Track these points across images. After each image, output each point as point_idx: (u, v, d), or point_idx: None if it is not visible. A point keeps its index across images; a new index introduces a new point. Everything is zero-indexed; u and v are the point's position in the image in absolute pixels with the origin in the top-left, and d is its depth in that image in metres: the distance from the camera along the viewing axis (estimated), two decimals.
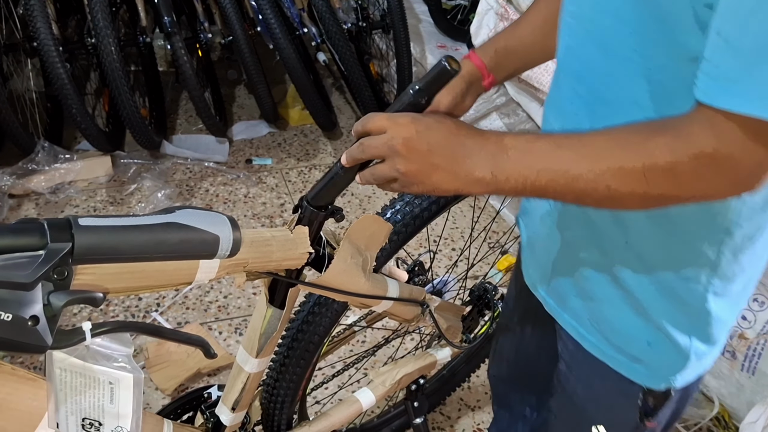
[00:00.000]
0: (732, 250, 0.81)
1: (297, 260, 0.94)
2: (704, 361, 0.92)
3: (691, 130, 0.65)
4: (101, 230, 0.60)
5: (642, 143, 0.68)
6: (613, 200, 0.71)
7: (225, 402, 1.13)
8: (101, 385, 0.62)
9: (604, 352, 0.95)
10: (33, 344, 0.57)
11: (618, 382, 0.95)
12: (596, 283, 0.91)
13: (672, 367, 0.91)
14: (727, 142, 0.63)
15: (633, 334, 0.90)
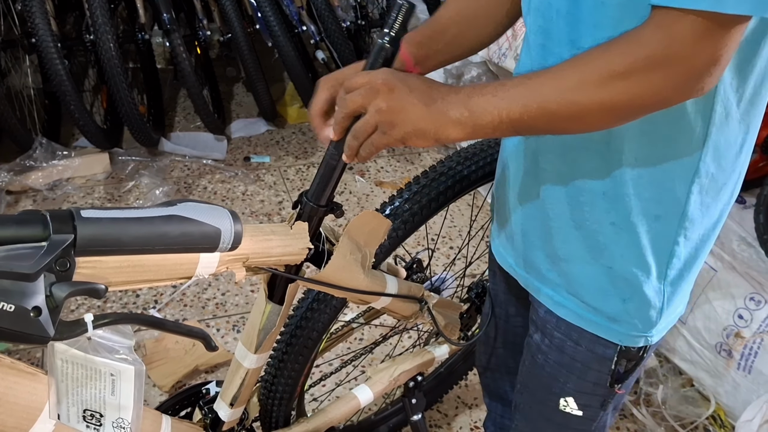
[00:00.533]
0: (700, 192, 0.84)
1: (296, 256, 0.94)
2: (675, 311, 0.96)
3: (643, 33, 0.69)
4: (103, 222, 0.60)
5: (599, 54, 0.72)
6: (582, 118, 0.74)
7: (223, 398, 1.13)
8: (103, 376, 0.63)
9: (580, 316, 0.96)
10: (35, 335, 0.57)
11: (592, 344, 0.97)
12: (567, 243, 0.93)
13: (648, 321, 0.93)
14: (678, 41, 0.67)
15: (607, 293, 0.92)
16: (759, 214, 1.86)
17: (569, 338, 0.99)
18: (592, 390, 1.01)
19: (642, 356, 0.97)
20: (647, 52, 0.69)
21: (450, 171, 1.24)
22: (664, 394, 1.92)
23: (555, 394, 1.04)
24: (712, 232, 0.92)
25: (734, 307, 1.80)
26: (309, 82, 2.76)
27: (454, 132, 0.77)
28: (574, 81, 0.72)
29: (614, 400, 1.03)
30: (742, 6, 0.65)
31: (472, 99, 0.76)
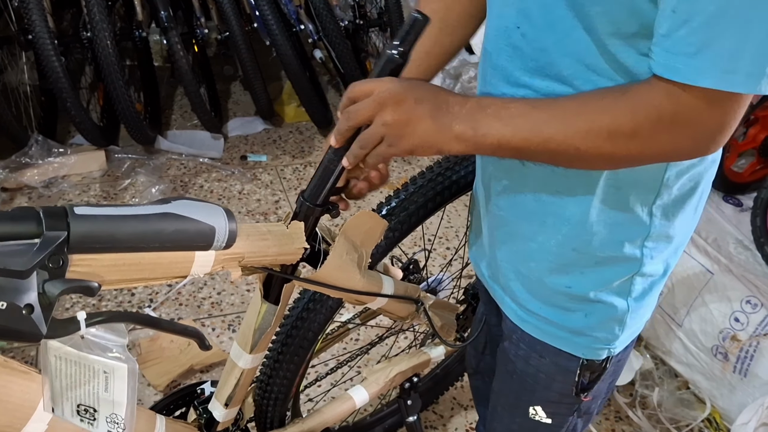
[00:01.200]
0: (663, 211, 0.85)
1: (292, 255, 0.94)
2: (639, 323, 0.97)
3: (652, 96, 0.70)
4: (97, 219, 0.60)
5: (607, 108, 0.72)
6: (582, 160, 0.75)
7: (218, 398, 1.13)
8: (96, 374, 0.62)
9: (543, 331, 0.97)
10: (27, 332, 0.57)
11: (556, 357, 0.97)
12: (530, 260, 0.93)
13: (611, 333, 0.94)
14: (686, 109, 0.68)
15: (570, 308, 0.93)
16: (756, 217, 1.86)
17: (533, 350, 1.00)
18: (559, 399, 1.01)
19: (605, 367, 0.98)
20: (656, 116, 0.69)
21: (447, 172, 1.24)
22: (659, 397, 1.91)
23: (524, 402, 1.05)
24: (681, 245, 0.93)
25: (730, 310, 1.80)
26: (306, 81, 2.76)
27: (457, 146, 0.78)
28: (580, 129, 0.73)
29: (582, 406, 1.03)
30: (749, 85, 0.65)
31: (477, 117, 0.76)
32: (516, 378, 1.05)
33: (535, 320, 0.97)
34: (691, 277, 1.87)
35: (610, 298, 0.91)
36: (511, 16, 0.80)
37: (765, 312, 1.74)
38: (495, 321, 1.24)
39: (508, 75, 0.83)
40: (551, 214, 0.88)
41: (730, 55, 0.64)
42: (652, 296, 0.95)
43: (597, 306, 0.92)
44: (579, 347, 0.96)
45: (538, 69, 0.79)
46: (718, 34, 0.63)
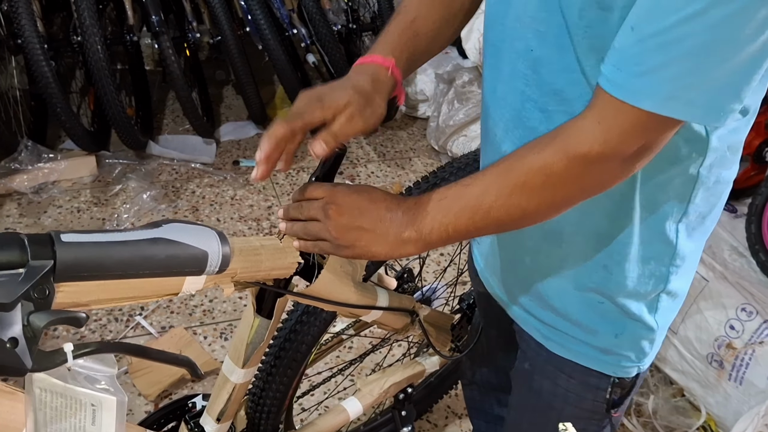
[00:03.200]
0: (686, 228, 0.85)
1: (286, 270, 0.92)
2: (662, 338, 0.97)
3: (580, 128, 0.70)
4: (85, 246, 0.58)
5: (537, 154, 0.72)
6: (530, 216, 0.75)
7: (210, 412, 1.11)
8: (83, 406, 0.60)
9: (569, 350, 0.96)
10: (12, 367, 0.55)
11: (585, 376, 0.96)
12: (555, 281, 0.92)
13: (641, 352, 0.93)
14: (616, 135, 0.68)
15: (599, 327, 0.92)
16: (750, 224, 1.85)
17: (561, 371, 0.98)
18: (589, 416, 1.00)
19: (635, 382, 0.97)
20: (585, 150, 0.69)
21: (442, 182, 1.22)
22: (654, 404, 1.91)
23: (553, 420, 1.02)
24: (697, 261, 0.93)
25: (726, 318, 1.80)
26: (299, 86, 2.74)
27: (407, 250, 0.79)
28: (516, 184, 0.73)
29: (612, 421, 1.02)
30: (690, 113, 0.65)
31: (418, 218, 0.77)
32: (544, 397, 1.03)
33: (562, 339, 0.96)
34: None
35: (640, 316, 0.90)
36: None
37: (760, 320, 1.74)
38: (495, 333, 1.23)
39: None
40: (579, 234, 0.86)
41: (675, 82, 0.63)
42: (674, 312, 0.95)
43: (627, 324, 0.91)
44: (609, 366, 0.95)
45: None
46: (669, 61, 0.63)
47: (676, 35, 0.61)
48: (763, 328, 1.73)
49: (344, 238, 0.79)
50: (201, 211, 2.54)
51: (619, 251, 0.86)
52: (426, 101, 3.14)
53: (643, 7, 0.63)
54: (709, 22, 0.60)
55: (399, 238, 0.78)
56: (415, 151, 3.00)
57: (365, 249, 0.80)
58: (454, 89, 2.82)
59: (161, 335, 2.02)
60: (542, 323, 0.97)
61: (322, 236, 0.81)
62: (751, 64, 0.63)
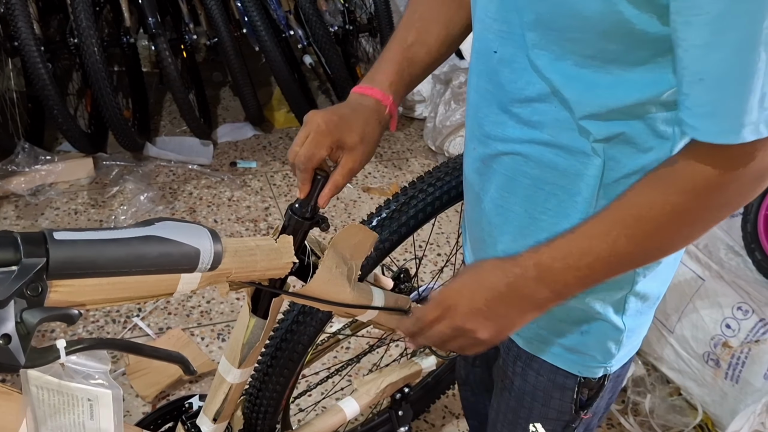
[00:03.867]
0: None
1: (281, 270, 0.92)
2: (635, 342, 0.96)
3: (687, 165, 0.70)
4: (77, 244, 0.58)
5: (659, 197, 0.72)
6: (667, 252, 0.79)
7: (206, 413, 1.11)
8: (80, 402, 0.60)
9: (537, 347, 0.97)
10: (5, 364, 0.55)
11: (553, 374, 0.97)
12: None
13: (607, 353, 0.93)
14: (726, 167, 0.68)
15: (566, 326, 0.92)
16: (746, 223, 1.86)
17: (530, 368, 0.99)
18: (557, 416, 1.01)
19: (603, 384, 0.97)
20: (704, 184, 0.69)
21: (438, 182, 1.23)
22: (651, 403, 1.91)
23: (523, 419, 1.04)
24: (673, 265, 0.93)
25: (722, 317, 1.80)
26: (296, 87, 2.75)
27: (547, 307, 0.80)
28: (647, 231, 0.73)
29: (582, 423, 1.02)
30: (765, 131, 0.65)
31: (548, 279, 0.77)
32: (514, 395, 1.04)
33: (530, 336, 0.97)
34: (682, 284, 1.87)
35: (606, 316, 0.90)
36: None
37: (756, 318, 1.74)
38: None
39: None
40: (544, 230, 0.87)
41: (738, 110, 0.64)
42: (647, 315, 0.95)
43: (593, 324, 0.91)
44: (575, 365, 0.95)
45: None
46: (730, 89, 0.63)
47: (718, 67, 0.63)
48: (759, 326, 1.73)
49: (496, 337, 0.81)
50: (198, 212, 2.54)
51: None
52: (423, 102, 3.14)
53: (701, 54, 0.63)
54: (732, 43, 0.61)
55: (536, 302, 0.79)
56: (412, 152, 3.00)
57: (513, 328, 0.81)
58: (451, 90, 2.83)
59: (158, 336, 2.02)
60: None
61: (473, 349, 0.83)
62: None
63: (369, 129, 0.92)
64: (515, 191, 0.87)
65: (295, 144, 0.90)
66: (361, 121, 0.92)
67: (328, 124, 0.89)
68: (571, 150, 0.79)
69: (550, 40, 0.73)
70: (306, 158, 0.89)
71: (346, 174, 0.91)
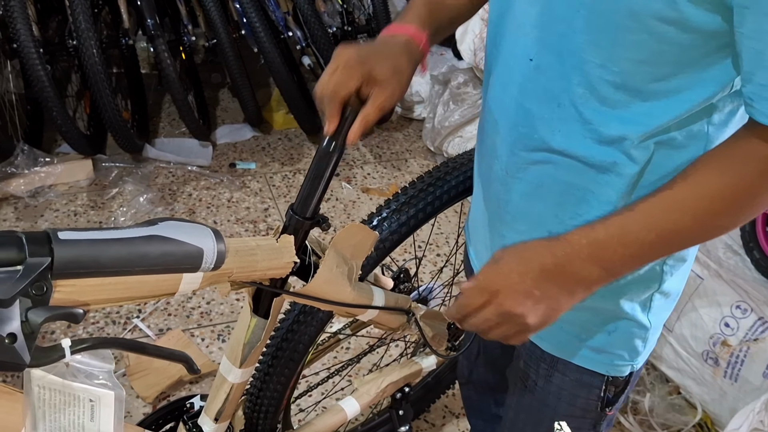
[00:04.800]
0: None
1: (282, 270, 0.92)
2: (656, 338, 0.97)
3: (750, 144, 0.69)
4: (81, 244, 0.58)
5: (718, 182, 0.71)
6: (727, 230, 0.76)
7: (207, 412, 1.11)
8: (81, 402, 0.61)
9: (563, 350, 0.96)
10: (10, 362, 0.55)
11: (579, 375, 0.97)
12: None
13: (634, 351, 0.94)
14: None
15: (592, 327, 0.92)
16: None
17: (555, 369, 0.99)
18: (582, 414, 1.01)
19: (629, 381, 0.98)
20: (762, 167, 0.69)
21: (438, 182, 1.23)
22: (651, 402, 1.91)
23: (548, 418, 1.03)
24: (692, 262, 0.93)
25: (720, 315, 1.80)
26: (295, 88, 2.75)
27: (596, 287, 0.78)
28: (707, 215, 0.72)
29: (606, 419, 1.03)
30: None
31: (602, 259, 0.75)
32: (537, 395, 1.04)
33: (556, 339, 0.96)
34: None
35: (633, 315, 0.90)
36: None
37: (755, 317, 1.75)
38: None
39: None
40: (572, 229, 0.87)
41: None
42: (668, 312, 0.95)
43: (620, 323, 0.91)
44: (602, 365, 0.95)
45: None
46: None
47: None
48: (757, 325, 1.74)
49: (546, 321, 0.78)
50: (198, 213, 2.54)
51: None
52: (421, 103, 3.15)
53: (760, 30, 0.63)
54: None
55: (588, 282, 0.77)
56: (411, 153, 3.01)
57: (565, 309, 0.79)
58: (450, 90, 2.83)
59: (159, 337, 2.02)
60: None
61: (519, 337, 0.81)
62: None
63: (401, 63, 0.87)
64: (544, 197, 0.85)
65: (324, 75, 0.85)
66: (392, 54, 0.87)
67: (359, 56, 0.84)
68: (606, 160, 0.78)
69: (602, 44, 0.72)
70: (335, 89, 0.83)
71: (377, 109, 0.85)
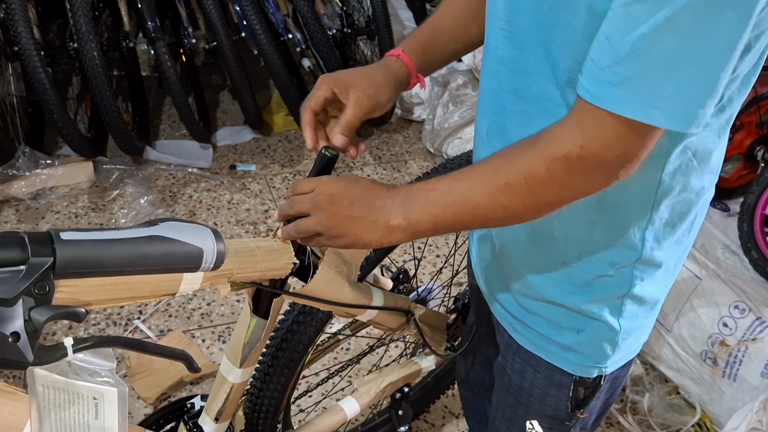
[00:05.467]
0: (655, 237, 0.85)
1: (281, 270, 0.93)
2: (632, 346, 0.97)
3: (560, 133, 0.72)
4: (83, 244, 0.59)
5: (520, 156, 0.74)
6: (512, 217, 0.77)
7: (208, 412, 1.12)
8: (85, 400, 0.62)
9: (535, 344, 0.98)
10: (14, 361, 0.56)
11: (550, 372, 0.98)
12: (525, 277, 0.94)
13: (602, 353, 0.94)
14: (591, 139, 0.69)
15: (562, 324, 0.93)
16: (743, 222, 1.87)
17: (528, 365, 1.00)
18: (554, 414, 1.02)
19: (599, 384, 0.98)
20: (564, 153, 0.71)
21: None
22: (650, 402, 1.92)
23: (520, 416, 1.05)
24: (672, 272, 0.93)
25: (719, 315, 1.81)
26: (295, 90, 2.75)
27: (396, 238, 0.81)
28: (500, 185, 0.75)
29: (579, 422, 1.03)
30: (671, 121, 0.66)
31: (408, 205, 0.79)
32: (512, 391, 1.05)
33: (529, 334, 0.98)
34: (679, 283, 1.89)
35: (602, 316, 0.91)
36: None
37: (753, 317, 1.75)
38: (485, 331, 1.25)
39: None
40: (538, 234, 0.88)
41: (652, 90, 0.65)
42: (645, 319, 0.95)
43: (589, 323, 0.92)
44: (570, 364, 0.96)
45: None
46: (644, 69, 0.64)
47: (649, 43, 0.63)
48: (755, 325, 1.75)
49: (336, 227, 0.81)
50: (198, 215, 2.55)
51: (575, 251, 0.87)
52: (421, 104, 3.16)
53: (616, 17, 0.65)
54: (678, 28, 0.62)
55: (388, 226, 0.80)
56: (411, 154, 3.01)
57: (357, 237, 0.81)
58: (449, 92, 2.84)
59: (159, 339, 2.03)
60: (514, 318, 0.99)
61: (315, 229, 0.83)
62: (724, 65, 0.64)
63: (373, 71, 0.94)
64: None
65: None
66: (364, 68, 0.95)
67: (329, 74, 0.93)
68: None
69: (564, 39, 0.74)
70: (305, 103, 0.92)
71: (356, 111, 0.92)
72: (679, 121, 0.67)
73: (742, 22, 0.62)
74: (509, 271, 0.96)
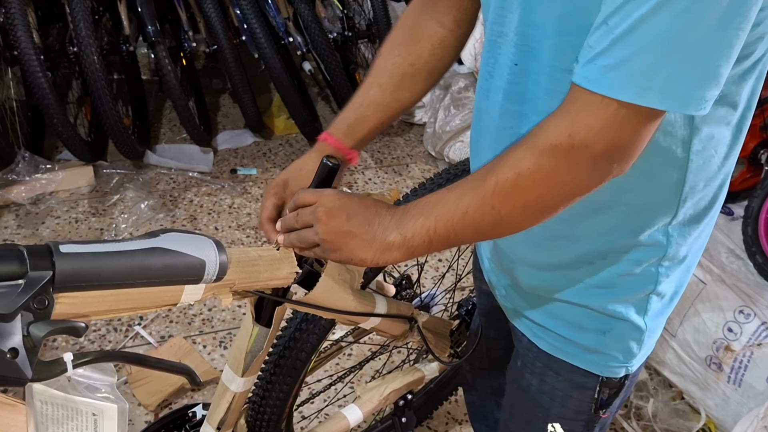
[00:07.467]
0: (679, 231, 0.85)
1: (284, 280, 0.92)
2: (653, 340, 0.96)
3: (549, 121, 0.70)
4: (83, 257, 0.58)
5: (511, 153, 0.72)
6: (504, 221, 0.75)
7: (210, 422, 1.11)
8: (84, 416, 0.60)
9: (556, 347, 0.97)
10: (12, 377, 0.55)
11: (572, 374, 0.97)
12: (544, 280, 0.93)
13: (629, 352, 0.93)
14: (581, 127, 0.67)
15: (585, 325, 0.92)
16: (747, 226, 1.86)
17: (549, 368, 0.99)
18: (575, 416, 1.01)
19: (624, 383, 0.97)
20: (552, 143, 0.69)
21: (438, 189, 1.23)
22: (654, 408, 1.91)
23: (541, 419, 1.04)
24: (692, 265, 0.93)
25: (723, 320, 1.80)
26: (296, 94, 2.75)
27: (392, 257, 0.81)
28: (490, 186, 0.73)
29: (600, 422, 1.02)
30: (667, 102, 0.64)
31: (403, 220, 0.79)
32: (531, 395, 1.04)
33: (550, 337, 0.97)
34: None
35: (627, 316, 0.90)
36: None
37: (758, 322, 1.74)
38: (494, 335, 1.23)
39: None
40: (561, 237, 0.87)
41: (648, 71, 0.63)
42: (665, 315, 0.95)
43: (614, 323, 0.91)
44: (596, 365, 0.95)
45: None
46: (640, 51, 0.63)
47: (645, 25, 0.62)
48: (761, 330, 1.73)
49: (333, 241, 0.81)
50: (199, 219, 2.54)
51: (601, 252, 0.86)
52: (422, 107, 3.15)
53: (614, 1, 0.64)
54: (675, 8, 0.60)
55: (384, 244, 0.80)
56: (412, 158, 3.00)
57: (352, 254, 0.81)
58: (450, 95, 2.83)
59: (160, 345, 2.02)
60: (533, 322, 0.98)
61: (314, 240, 0.83)
62: (723, 47, 0.63)
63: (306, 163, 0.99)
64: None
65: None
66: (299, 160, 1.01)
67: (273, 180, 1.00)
68: None
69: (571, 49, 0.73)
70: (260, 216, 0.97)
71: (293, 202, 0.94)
72: (677, 101, 0.65)
73: (741, 2, 0.61)
74: (526, 275, 0.95)
